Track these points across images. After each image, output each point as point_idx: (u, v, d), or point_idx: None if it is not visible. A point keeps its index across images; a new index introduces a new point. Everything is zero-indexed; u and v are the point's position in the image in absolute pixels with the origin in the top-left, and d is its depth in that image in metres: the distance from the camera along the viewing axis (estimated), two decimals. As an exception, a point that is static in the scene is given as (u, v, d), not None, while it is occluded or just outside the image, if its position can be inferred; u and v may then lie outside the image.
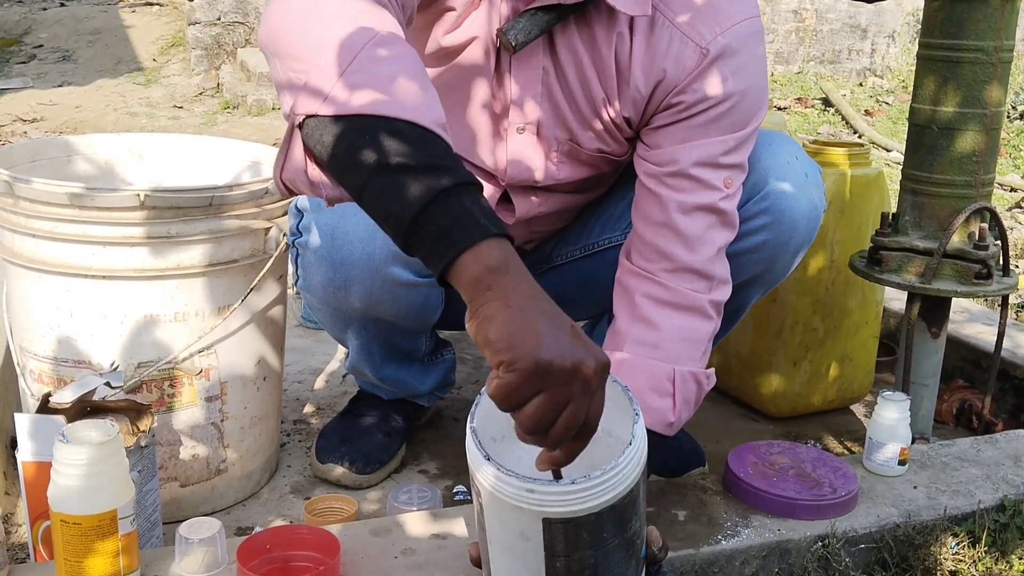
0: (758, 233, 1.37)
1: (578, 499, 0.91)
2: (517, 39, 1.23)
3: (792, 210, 1.37)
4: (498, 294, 0.86)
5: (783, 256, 1.41)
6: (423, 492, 1.43)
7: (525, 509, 0.92)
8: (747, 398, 1.91)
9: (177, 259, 1.33)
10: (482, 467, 0.93)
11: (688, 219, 1.28)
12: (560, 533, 0.93)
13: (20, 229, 1.32)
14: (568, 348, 0.85)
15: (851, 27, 6.77)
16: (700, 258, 1.29)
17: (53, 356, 1.35)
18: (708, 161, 1.28)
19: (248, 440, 1.48)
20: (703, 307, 1.31)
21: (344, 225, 1.33)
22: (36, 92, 5.56)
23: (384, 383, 1.59)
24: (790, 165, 1.38)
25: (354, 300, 1.38)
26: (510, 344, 0.84)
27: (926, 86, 1.57)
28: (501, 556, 0.99)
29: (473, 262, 0.87)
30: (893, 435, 1.44)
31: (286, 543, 1.13)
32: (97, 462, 1.01)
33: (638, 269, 1.32)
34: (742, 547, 1.27)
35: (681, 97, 1.27)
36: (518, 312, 0.85)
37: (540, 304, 0.87)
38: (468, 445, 0.96)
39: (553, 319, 0.87)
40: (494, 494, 0.93)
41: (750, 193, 1.36)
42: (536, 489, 0.91)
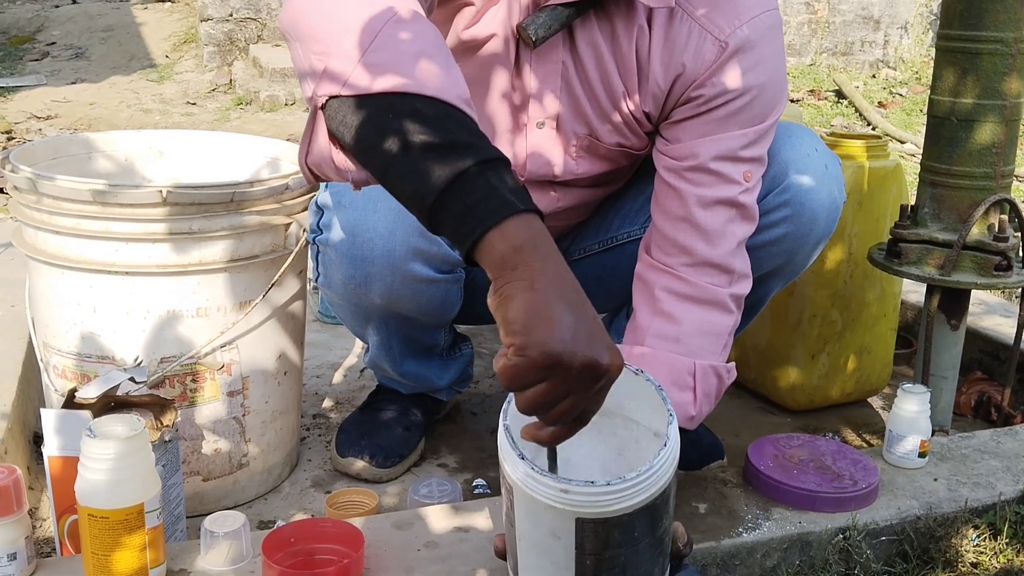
0: (778, 226, 1.37)
1: (612, 500, 0.92)
2: (537, 34, 1.23)
3: (813, 203, 1.37)
4: (523, 274, 0.85)
5: (803, 248, 1.41)
6: (443, 485, 1.44)
7: (558, 509, 0.92)
8: (765, 391, 1.91)
9: (199, 255, 1.33)
10: (516, 465, 0.93)
11: (708, 213, 1.29)
12: (592, 533, 0.93)
13: (43, 226, 1.33)
14: (582, 343, 0.84)
15: (864, 18, 6.74)
16: (720, 252, 1.30)
17: (76, 352, 1.36)
18: (728, 155, 1.28)
19: (269, 434, 1.49)
20: (723, 301, 1.31)
21: (364, 222, 1.33)
22: (50, 89, 5.58)
23: (404, 378, 1.60)
24: (810, 157, 1.38)
25: (374, 297, 1.39)
26: (525, 328, 0.83)
27: (945, 78, 1.56)
28: (530, 552, 0.99)
29: (499, 240, 0.85)
30: (913, 427, 1.44)
31: (310, 536, 1.14)
32: (124, 456, 1.02)
33: (658, 264, 1.32)
34: (763, 539, 1.27)
35: (701, 91, 1.27)
36: (540, 296, 0.84)
37: (564, 290, 0.86)
38: (501, 442, 0.96)
39: (574, 309, 0.85)
40: (527, 492, 0.93)
41: (770, 186, 1.36)
42: (571, 490, 0.91)
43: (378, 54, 0.92)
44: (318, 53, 0.94)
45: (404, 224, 1.33)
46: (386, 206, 1.33)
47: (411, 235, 1.33)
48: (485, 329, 2.28)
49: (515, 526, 0.98)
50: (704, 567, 1.24)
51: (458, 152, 0.88)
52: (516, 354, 0.83)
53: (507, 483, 0.96)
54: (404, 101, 0.90)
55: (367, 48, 0.92)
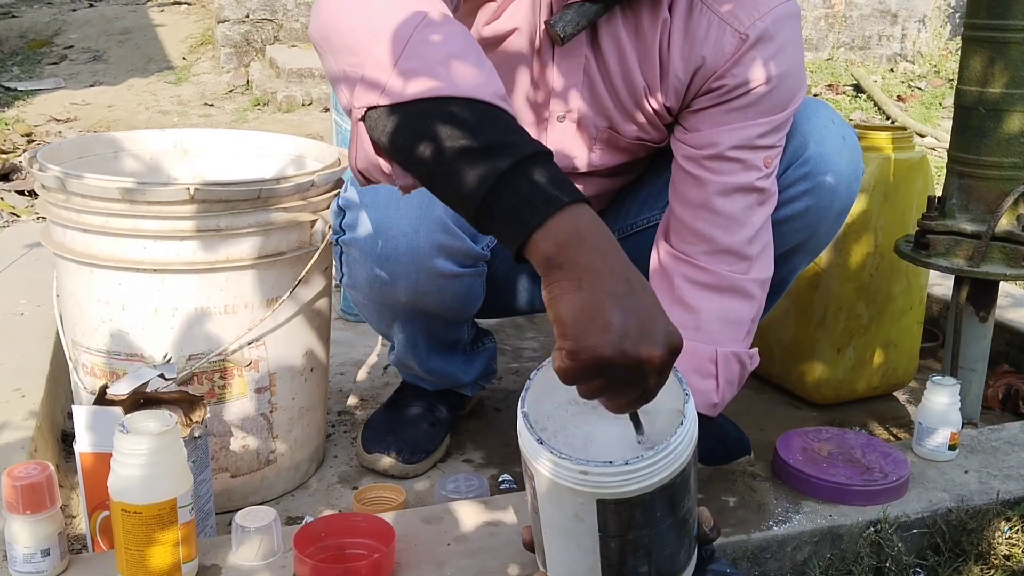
0: (799, 199, 1.36)
1: (632, 479, 0.92)
2: (565, 31, 1.24)
3: (833, 174, 1.36)
4: (569, 272, 0.84)
5: (825, 221, 1.39)
6: (470, 481, 1.44)
7: (580, 491, 0.92)
8: (790, 386, 1.90)
9: (226, 252, 1.34)
10: (536, 451, 0.94)
11: (727, 200, 1.28)
12: (614, 514, 0.93)
13: (72, 224, 1.34)
14: (632, 341, 0.83)
15: (881, 12, 6.70)
16: (739, 239, 1.29)
17: (105, 349, 1.37)
18: (748, 143, 1.27)
19: (296, 431, 1.49)
20: (743, 287, 1.30)
21: (388, 220, 1.33)
22: (68, 92, 5.61)
23: (430, 375, 1.60)
24: (827, 129, 1.37)
25: (400, 295, 1.39)
26: (575, 332, 0.83)
27: (972, 67, 1.55)
28: (556, 538, 0.99)
29: (544, 240, 0.85)
30: (944, 420, 1.43)
31: (341, 531, 1.14)
32: (157, 452, 1.03)
33: (677, 252, 1.32)
34: (794, 533, 1.26)
35: (721, 82, 1.27)
36: (587, 296, 0.83)
37: (614, 284, 0.85)
38: (520, 430, 0.96)
39: (623, 304, 0.84)
40: (548, 477, 0.93)
41: (790, 159, 1.35)
42: (590, 471, 0.91)
43: (411, 61, 0.91)
44: (352, 64, 0.94)
45: (427, 220, 1.33)
46: (408, 203, 1.33)
47: (435, 231, 1.33)
48: (506, 323, 2.28)
49: (539, 513, 0.99)
50: (735, 560, 1.23)
51: (496, 153, 0.87)
52: (568, 358, 0.83)
53: (529, 470, 0.96)
54: (439, 105, 0.89)
55: (399, 56, 0.91)
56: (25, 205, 3.37)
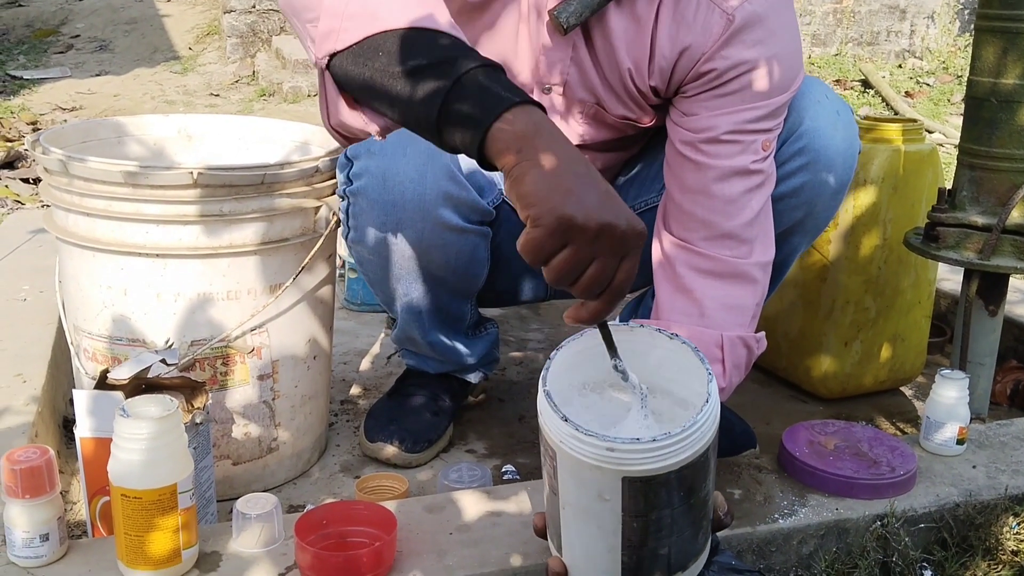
0: (795, 175, 1.35)
1: (659, 456, 0.91)
2: (568, 22, 1.24)
3: (828, 148, 1.35)
4: (529, 155, 0.88)
5: (822, 198, 1.38)
6: (473, 471, 1.43)
7: (605, 469, 0.91)
8: (796, 379, 1.89)
9: (229, 237, 1.33)
10: (560, 429, 0.93)
11: (725, 184, 1.28)
12: (638, 493, 0.93)
13: (74, 208, 1.33)
14: (595, 207, 0.87)
15: (890, 8, 6.67)
16: (738, 223, 1.29)
17: (107, 335, 1.36)
18: (745, 128, 1.27)
19: (299, 419, 1.48)
20: (746, 272, 1.30)
21: (394, 167, 1.33)
22: (74, 81, 5.61)
23: (432, 350, 1.58)
24: (821, 104, 1.36)
25: (405, 247, 1.38)
26: (537, 199, 0.86)
27: (985, 58, 1.53)
28: (575, 519, 0.98)
29: (502, 132, 0.89)
30: (952, 414, 1.41)
31: (343, 519, 1.13)
32: (157, 436, 1.02)
33: (677, 240, 1.32)
34: (800, 526, 1.25)
35: (711, 65, 1.26)
36: (549, 171, 0.87)
37: (573, 165, 0.89)
38: (542, 408, 0.95)
39: (585, 180, 0.88)
40: (573, 456, 0.92)
41: (784, 135, 1.34)
42: (617, 448, 0.90)
43: (355, 4, 0.98)
44: (311, 20, 1.01)
45: (434, 167, 1.33)
46: (415, 150, 1.33)
47: (441, 178, 1.33)
48: (510, 315, 2.27)
49: (559, 494, 0.98)
50: (740, 553, 1.22)
51: (447, 65, 0.93)
52: (532, 225, 0.87)
53: (550, 449, 0.95)
54: (388, 38, 0.96)
55: (348, 1, 0.98)
56: (29, 193, 3.37)
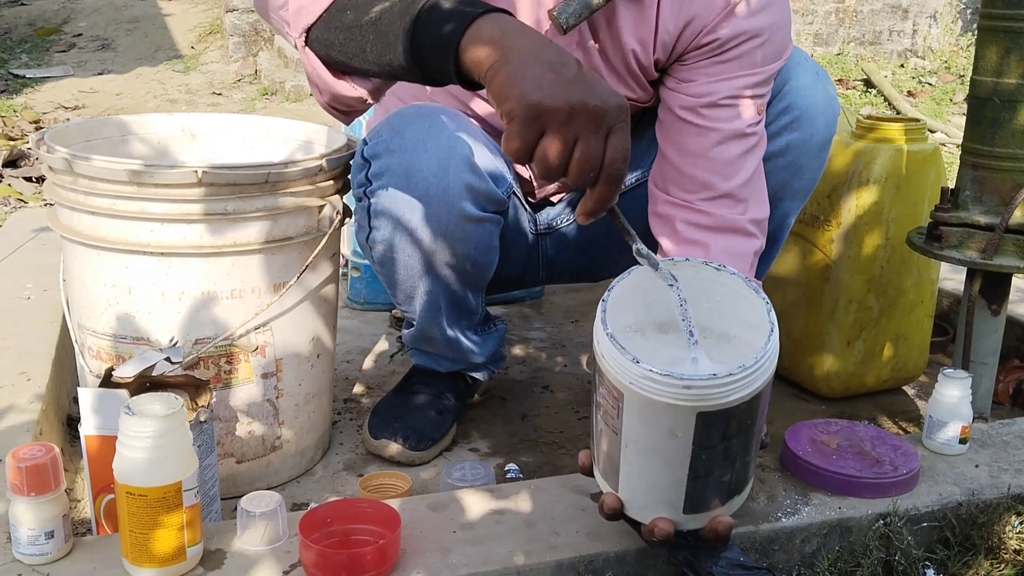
0: (782, 134, 1.42)
1: (734, 389, 0.95)
2: (568, 23, 1.26)
3: (811, 106, 1.41)
4: (498, 56, 0.91)
5: (807, 156, 1.44)
6: (476, 469, 1.43)
7: (680, 406, 0.94)
8: (799, 379, 1.89)
9: (234, 236, 1.33)
10: (630, 370, 0.95)
11: (724, 147, 1.35)
12: (711, 426, 0.96)
13: (78, 206, 1.33)
14: (565, 88, 0.88)
15: (892, 8, 6.67)
16: (735, 183, 1.36)
17: (111, 333, 1.36)
18: (742, 92, 1.34)
19: (302, 417, 1.49)
20: (743, 227, 1.38)
21: (416, 163, 1.33)
22: (77, 80, 5.62)
23: (449, 348, 1.58)
24: (801, 66, 1.43)
25: (428, 240, 1.37)
26: (508, 94, 0.88)
27: (987, 57, 1.53)
28: (640, 456, 1.01)
29: (470, 46, 0.93)
30: (954, 413, 1.41)
31: (347, 516, 1.13)
32: (162, 434, 1.02)
33: (676, 200, 1.38)
34: (802, 525, 1.25)
35: (713, 36, 1.32)
36: (517, 64, 0.90)
37: (541, 52, 0.91)
38: (607, 352, 0.98)
39: (553, 65, 0.90)
40: (644, 396, 0.95)
41: (770, 96, 1.40)
42: (694, 385, 0.93)
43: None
44: (281, 6, 1.08)
45: (455, 160, 1.33)
46: (436, 144, 1.34)
47: (463, 171, 1.34)
48: (513, 314, 2.27)
49: (621, 433, 1.00)
50: (743, 552, 1.22)
51: (410, 3, 0.98)
52: (507, 120, 0.89)
53: (614, 391, 0.98)
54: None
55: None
56: (32, 191, 3.37)
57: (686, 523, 1.07)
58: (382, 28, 1.00)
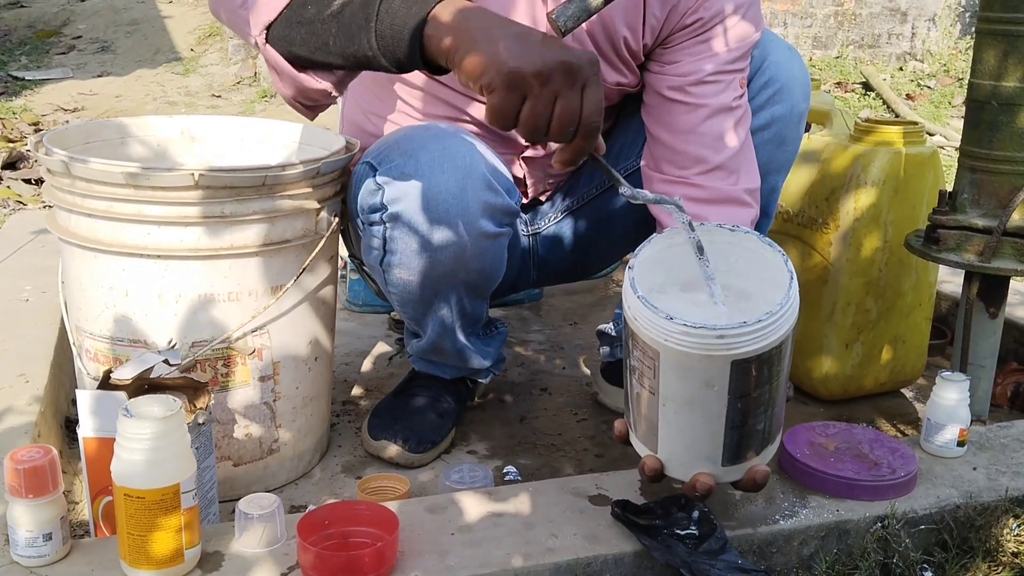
0: (766, 108, 1.47)
1: (764, 335, 0.99)
2: (567, 25, 1.26)
3: (790, 79, 1.48)
4: (462, 38, 0.96)
5: (790, 127, 1.50)
6: (475, 472, 1.43)
7: (715, 356, 0.99)
8: (797, 381, 1.89)
9: (231, 239, 1.33)
10: (665, 328, 0.99)
11: (713, 122, 1.40)
12: (746, 373, 1.01)
13: (76, 209, 1.33)
14: (537, 53, 0.94)
15: (891, 11, 6.67)
16: (726, 155, 1.41)
17: (109, 335, 1.36)
18: (725, 68, 1.40)
19: (300, 420, 1.48)
20: (739, 197, 1.43)
21: (434, 186, 1.31)
22: (76, 82, 5.62)
23: (458, 358, 1.57)
24: (774, 42, 1.50)
25: (446, 260, 1.36)
26: (482, 68, 0.93)
27: (986, 61, 1.53)
28: (679, 412, 1.05)
29: (433, 33, 0.98)
30: (952, 416, 1.41)
31: (345, 519, 1.13)
32: (161, 436, 1.02)
33: (672, 177, 1.43)
34: (800, 527, 1.25)
35: (696, 16, 1.38)
36: (484, 41, 0.95)
37: (505, 27, 0.97)
38: (639, 313, 1.02)
39: (519, 35, 0.96)
40: (679, 351, 0.99)
41: (751, 73, 1.46)
42: (727, 333, 0.98)
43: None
44: (240, 5, 1.12)
45: (473, 179, 1.32)
46: (452, 165, 1.32)
47: (480, 189, 1.33)
48: (512, 316, 2.28)
49: (658, 393, 1.05)
50: (741, 554, 1.22)
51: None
52: (488, 92, 0.94)
53: (649, 351, 1.02)
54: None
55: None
56: (31, 193, 3.37)
57: (725, 475, 1.12)
58: (344, 20, 1.05)
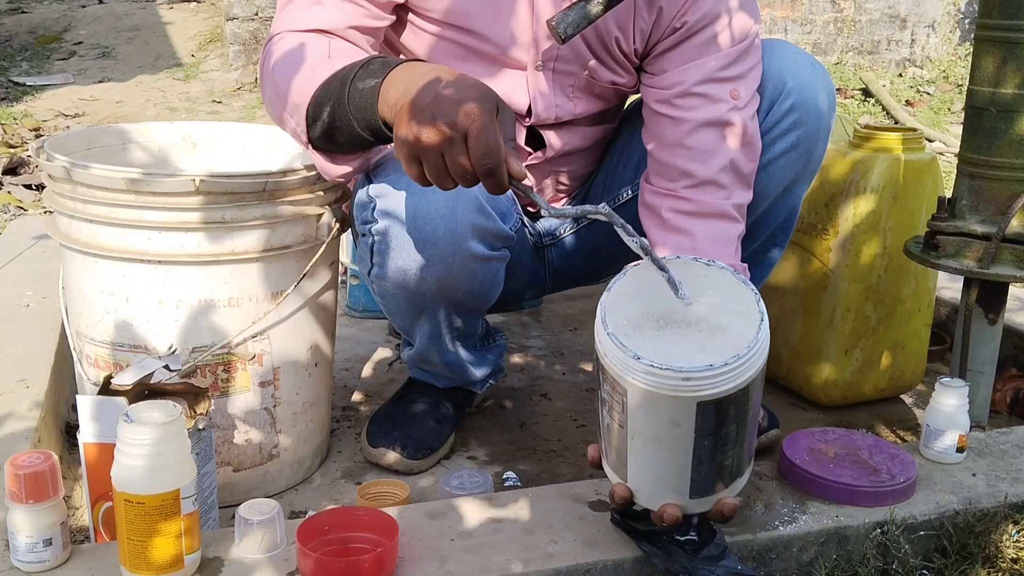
0: (792, 131, 1.45)
1: (731, 377, 1.00)
2: (567, 32, 1.27)
3: (815, 99, 1.45)
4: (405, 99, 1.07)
5: (817, 145, 1.49)
6: (474, 477, 1.43)
7: (681, 397, 0.99)
8: (797, 387, 1.89)
9: (232, 244, 1.33)
10: (631, 367, 1.00)
11: (700, 135, 1.39)
12: (711, 414, 1.01)
13: (77, 214, 1.33)
14: (416, 121, 1.03)
15: (890, 17, 6.68)
16: (714, 170, 1.40)
17: (110, 341, 1.36)
18: (712, 77, 1.39)
19: (300, 425, 1.49)
20: (727, 211, 1.41)
21: (424, 204, 1.33)
22: (77, 88, 5.62)
23: (448, 369, 1.59)
24: (797, 61, 1.47)
25: (432, 278, 1.38)
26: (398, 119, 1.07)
27: (984, 68, 1.54)
28: (646, 447, 1.06)
29: (386, 110, 1.12)
30: (952, 422, 1.41)
31: (344, 524, 1.13)
32: (161, 442, 1.02)
33: (660, 189, 1.44)
34: (800, 533, 1.25)
35: (683, 19, 1.39)
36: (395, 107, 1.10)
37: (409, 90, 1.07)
38: (608, 350, 1.03)
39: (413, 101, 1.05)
40: (645, 389, 1.00)
41: (772, 97, 1.45)
42: (692, 376, 0.98)
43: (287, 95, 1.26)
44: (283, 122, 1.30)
45: (463, 202, 1.34)
46: None
47: (470, 212, 1.34)
48: (512, 322, 2.28)
49: (627, 427, 1.05)
50: (740, 560, 1.22)
51: (338, 90, 1.18)
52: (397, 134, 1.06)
53: (618, 388, 1.03)
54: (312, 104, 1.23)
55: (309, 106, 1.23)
56: (32, 199, 3.38)
57: (693, 507, 1.12)
58: (331, 119, 1.20)
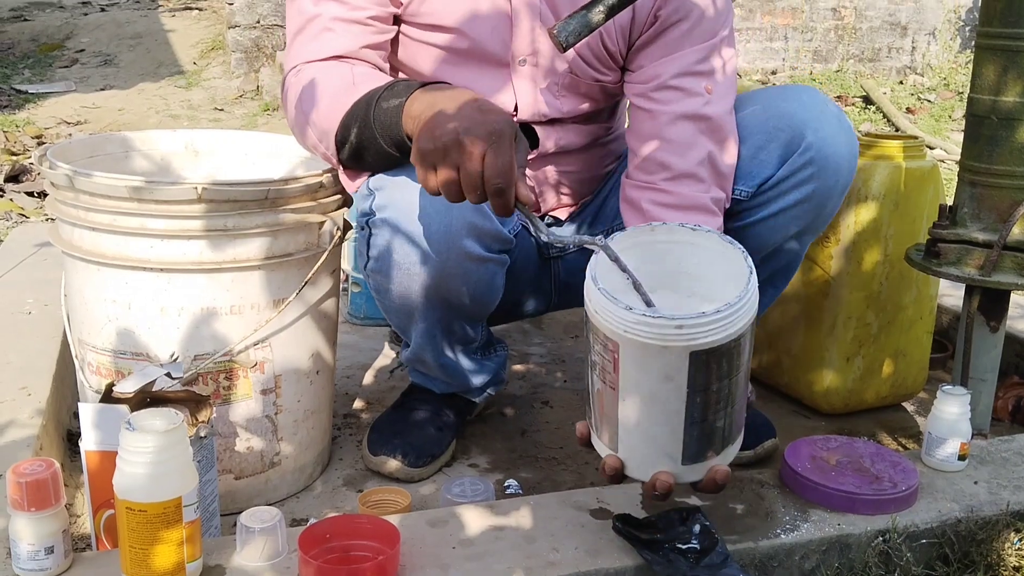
0: (806, 184, 1.44)
1: (723, 326, 1.00)
2: (568, 41, 1.28)
3: (835, 156, 1.43)
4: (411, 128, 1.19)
5: (831, 200, 1.47)
6: (476, 485, 1.43)
7: (672, 347, 0.99)
8: (798, 395, 1.89)
9: (233, 252, 1.33)
10: (624, 318, 1.00)
11: (676, 127, 1.42)
12: (704, 365, 1.01)
13: (79, 222, 1.34)
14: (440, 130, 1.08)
15: (891, 24, 6.69)
16: (691, 163, 1.41)
17: (111, 348, 1.37)
18: (687, 71, 1.42)
19: (301, 433, 1.49)
20: (705, 205, 1.42)
21: (423, 200, 1.34)
22: (79, 95, 5.63)
23: (442, 372, 1.59)
24: (824, 113, 1.45)
25: (426, 275, 1.38)
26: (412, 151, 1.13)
27: (985, 76, 1.54)
28: (638, 407, 1.05)
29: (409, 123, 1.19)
30: (953, 430, 1.41)
31: (346, 532, 1.13)
32: (163, 450, 1.02)
33: (639, 182, 1.45)
34: (802, 541, 1.25)
35: (658, 12, 1.41)
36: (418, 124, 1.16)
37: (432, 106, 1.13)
38: (600, 305, 1.02)
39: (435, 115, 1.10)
40: (638, 342, 0.99)
41: (790, 148, 1.43)
42: (685, 324, 0.98)
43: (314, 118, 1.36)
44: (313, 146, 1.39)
45: None
46: None
47: (467, 210, 1.34)
48: (513, 329, 2.28)
49: (619, 388, 1.05)
50: (742, 568, 1.22)
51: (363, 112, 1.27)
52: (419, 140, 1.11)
53: (609, 344, 1.02)
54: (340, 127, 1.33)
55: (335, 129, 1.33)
56: (34, 206, 3.38)
57: (685, 474, 1.11)
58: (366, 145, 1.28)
